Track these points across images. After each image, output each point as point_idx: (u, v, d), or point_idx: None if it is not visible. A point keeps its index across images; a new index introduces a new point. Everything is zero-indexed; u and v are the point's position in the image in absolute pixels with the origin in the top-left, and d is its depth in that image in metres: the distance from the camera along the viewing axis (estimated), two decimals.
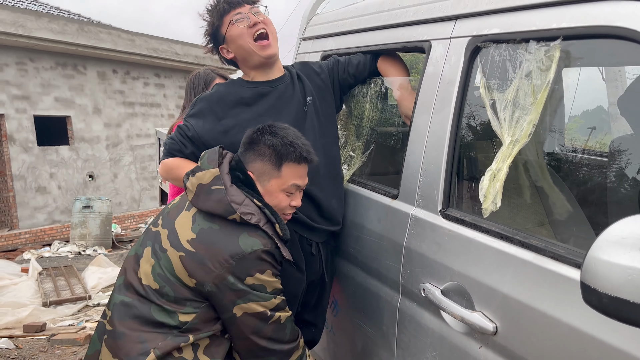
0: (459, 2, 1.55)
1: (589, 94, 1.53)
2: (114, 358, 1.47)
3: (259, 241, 1.45)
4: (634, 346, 0.95)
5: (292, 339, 1.57)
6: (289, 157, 1.53)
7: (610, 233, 0.83)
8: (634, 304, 0.79)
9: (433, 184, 1.50)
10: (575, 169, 1.54)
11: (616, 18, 1.10)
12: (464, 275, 1.35)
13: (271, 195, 1.56)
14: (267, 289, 1.47)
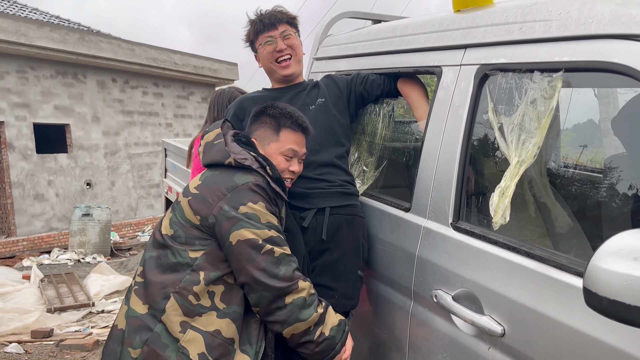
0: (469, 33, 1.69)
1: (587, 119, 1.68)
2: (144, 304, 1.64)
3: (252, 177, 1.67)
4: (630, 345, 1.08)
5: (287, 278, 1.58)
6: (286, 123, 1.79)
7: (609, 245, 0.96)
8: (630, 306, 0.93)
9: (444, 198, 1.64)
10: (574, 188, 1.69)
11: (612, 54, 1.24)
12: (474, 282, 1.48)
13: (271, 157, 1.77)
14: (261, 219, 1.61)
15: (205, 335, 1.57)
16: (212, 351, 1.56)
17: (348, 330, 1.69)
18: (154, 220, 13.71)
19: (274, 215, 1.65)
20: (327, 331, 1.62)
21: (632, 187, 1.50)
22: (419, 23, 2.00)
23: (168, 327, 1.59)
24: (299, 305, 1.58)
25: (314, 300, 1.62)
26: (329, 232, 1.90)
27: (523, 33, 1.50)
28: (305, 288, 1.60)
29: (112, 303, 5.56)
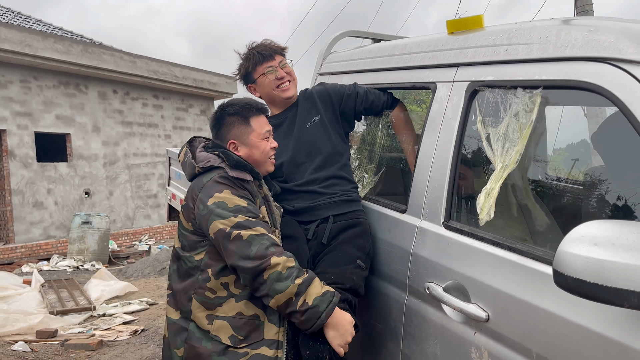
0: (461, 53, 1.89)
1: (563, 131, 1.89)
2: (176, 311, 1.88)
3: (216, 172, 1.87)
4: (592, 322, 1.26)
5: (259, 257, 1.70)
6: (250, 112, 1.97)
7: (574, 233, 1.15)
8: (590, 283, 1.10)
9: (437, 200, 1.82)
10: (552, 190, 1.88)
11: (583, 74, 1.44)
12: (463, 274, 1.66)
13: (257, 147, 1.97)
14: (228, 204, 1.78)
15: (229, 319, 1.78)
16: (240, 331, 1.77)
17: (336, 301, 1.77)
18: (151, 230, 13.83)
19: (242, 198, 1.82)
20: (310, 301, 1.72)
21: (599, 191, 1.68)
22: (416, 43, 2.20)
23: (198, 324, 1.81)
24: (274, 279, 1.70)
25: (292, 273, 1.72)
26: (330, 236, 2.06)
27: (508, 54, 1.70)
28: (280, 262, 1.71)
29: (113, 307, 5.68)
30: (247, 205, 1.81)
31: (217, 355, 1.76)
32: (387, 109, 2.27)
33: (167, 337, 1.92)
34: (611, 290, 1.09)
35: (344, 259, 2.00)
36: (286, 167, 2.14)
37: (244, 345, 1.78)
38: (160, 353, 4.19)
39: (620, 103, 1.32)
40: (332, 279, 1.93)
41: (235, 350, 1.77)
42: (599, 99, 1.41)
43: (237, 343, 1.77)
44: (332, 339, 1.78)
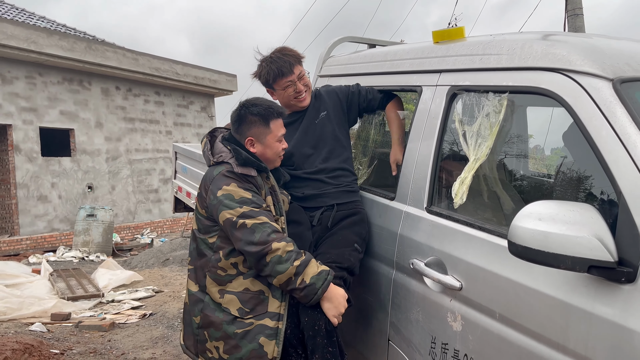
0: (443, 61, 2.18)
1: (528, 128, 2.18)
2: (195, 284, 2.17)
3: (224, 167, 2.11)
4: (540, 285, 1.54)
5: (262, 242, 1.96)
6: (272, 116, 2.18)
7: (523, 211, 1.43)
8: (535, 250, 1.39)
9: (421, 188, 2.11)
10: (516, 178, 2.18)
11: (541, 82, 1.72)
12: (442, 251, 1.94)
13: (271, 147, 2.20)
14: (234, 197, 2.03)
15: (238, 294, 2.07)
16: (247, 304, 2.06)
17: (330, 279, 2.03)
18: (152, 224, 14.11)
19: (247, 190, 2.06)
20: (308, 279, 1.98)
21: (553, 178, 1.97)
22: (406, 50, 2.49)
23: (212, 297, 2.10)
24: (276, 261, 1.96)
25: (291, 256, 1.98)
26: (333, 222, 2.34)
27: (482, 63, 1.98)
28: (280, 247, 1.97)
29: (121, 294, 5.97)
30: (251, 197, 2.06)
31: (226, 324, 2.05)
32: (384, 107, 2.54)
33: (186, 306, 2.22)
34: (551, 255, 1.37)
35: (344, 243, 2.28)
36: (296, 158, 2.41)
37: (250, 316, 2.05)
38: (168, 334, 4.48)
39: (567, 106, 1.60)
40: (332, 259, 2.20)
41: (242, 320, 2.05)
42: (553, 102, 1.69)
43: (244, 314, 2.05)
44: (327, 310, 2.05)
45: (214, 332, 2.07)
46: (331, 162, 2.40)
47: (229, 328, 2.05)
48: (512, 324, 1.62)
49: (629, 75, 1.60)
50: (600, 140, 1.49)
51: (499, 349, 1.66)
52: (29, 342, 3.60)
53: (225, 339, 2.05)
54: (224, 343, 2.05)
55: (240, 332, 2.04)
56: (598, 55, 1.67)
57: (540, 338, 1.53)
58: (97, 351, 3.96)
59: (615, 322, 1.34)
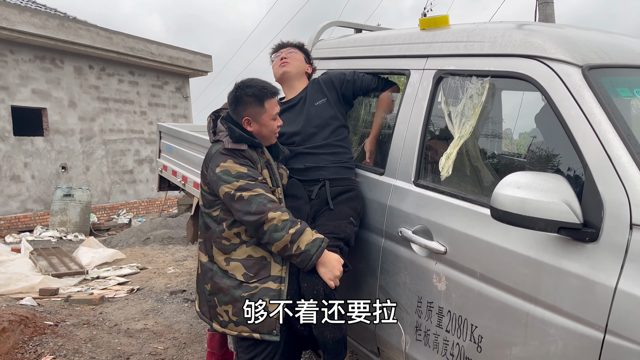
0: (430, 46, 2.37)
1: (507, 109, 2.40)
2: (205, 255, 2.35)
3: (220, 145, 2.27)
4: (516, 246, 1.76)
5: (259, 212, 2.13)
6: (266, 96, 2.32)
7: (504, 180, 1.64)
8: (513, 213, 1.60)
9: (409, 164, 2.31)
10: (496, 154, 2.41)
11: (519, 67, 1.93)
12: (428, 219, 2.15)
13: (266, 126, 2.34)
14: (231, 172, 2.18)
15: (242, 261, 2.26)
16: (250, 269, 2.24)
17: (324, 245, 2.19)
18: (127, 205, 14.07)
19: (243, 165, 2.21)
20: (303, 246, 2.15)
21: (529, 154, 2.20)
22: (394, 36, 2.67)
23: (219, 265, 2.28)
24: (272, 229, 2.14)
25: (286, 225, 2.15)
26: (331, 197, 2.52)
27: (466, 49, 2.18)
28: (275, 217, 2.14)
29: (106, 271, 6.06)
30: (247, 170, 2.21)
31: (233, 289, 2.24)
32: (379, 91, 2.72)
33: (198, 275, 2.43)
34: (527, 218, 1.59)
35: (340, 216, 2.47)
36: (300, 136, 2.58)
37: (254, 280, 2.23)
38: (158, 306, 4.63)
39: (542, 89, 1.82)
40: (329, 230, 2.39)
41: (247, 285, 2.23)
42: (530, 86, 1.91)
43: (249, 279, 2.23)
44: (323, 274, 2.23)
45: (222, 297, 2.25)
46: (332, 139, 2.58)
47: (236, 292, 2.22)
48: (491, 281, 1.85)
49: (596, 62, 1.82)
50: (570, 119, 1.71)
51: (479, 304, 1.89)
52: (24, 314, 3.71)
53: (234, 302, 2.22)
54: (232, 306, 2.22)
55: (246, 295, 2.21)
56: (570, 45, 1.88)
57: (515, 292, 1.76)
58: (90, 322, 4.09)
59: (580, 275, 1.57)
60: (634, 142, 1.59)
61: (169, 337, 3.85)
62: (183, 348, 3.65)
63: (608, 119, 1.64)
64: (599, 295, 1.51)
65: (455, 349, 1.99)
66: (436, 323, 2.08)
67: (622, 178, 1.54)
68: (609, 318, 1.48)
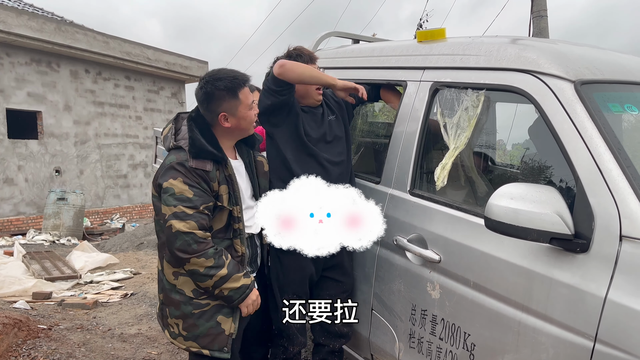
0: (426, 58, 2.41)
1: (501, 121, 2.45)
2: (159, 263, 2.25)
3: (175, 157, 2.07)
4: (509, 256, 1.80)
5: (181, 250, 1.97)
6: (239, 86, 2.13)
7: (498, 191, 1.68)
8: (507, 224, 1.64)
9: (405, 173, 2.35)
10: (490, 165, 2.46)
11: (513, 81, 1.97)
12: (422, 228, 2.19)
13: (244, 118, 2.16)
14: (175, 192, 1.99)
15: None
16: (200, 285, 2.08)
17: (248, 293, 2.09)
18: (121, 209, 14.03)
19: (191, 187, 2.01)
20: (226, 292, 2.05)
21: (522, 165, 2.25)
22: (392, 47, 2.72)
23: (167, 279, 2.15)
24: (193, 272, 2.02)
25: (209, 272, 2.00)
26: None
27: (462, 62, 2.23)
28: (198, 263, 1.98)
29: (99, 276, 6.05)
30: (191, 196, 2.01)
31: (184, 305, 2.10)
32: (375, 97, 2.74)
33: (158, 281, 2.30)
34: (520, 228, 1.63)
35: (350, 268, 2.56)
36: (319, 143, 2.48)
37: (204, 296, 2.10)
38: (152, 312, 4.64)
39: (536, 102, 1.87)
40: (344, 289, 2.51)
41: (197, 301, 2.10)
42: (523, 99, 1.95)
43: (198, 295, 2.10)
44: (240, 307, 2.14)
45: (173, 310, 2.14)
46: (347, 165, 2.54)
47: (186, 308, 2.11)
48: (484, 290, 1.88)
49: (588, 77, 1.87)
50: (562, 132, 1.75)
51: (472, 312, 1.93)
52: (17, 317, 3.71)
53: (184, 317, 2.11)
54: (183, 321, 2.12)
55: (197, 312, 2.10)
56: (563, 60, 1.94)
57: (507, 301, 1.79)
58: (83, 327, 4.08)
59: (571, 285, 1.61)
60: (624, 156, 1.64)
61: (163, 343, 3.85)
62: (177, 353, 3.66)
63: (599, 133, 1.68)
64: (589, 304, 1.55)
65: (448, 356, 2.03)
66: (430, 331, 2.11)
67: (613, 191, 1.58)
68: (598, 327, 1.52)
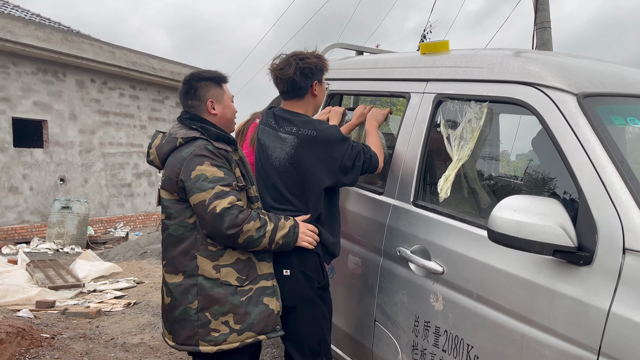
0: (430, 70, 2.43)
1: (504, 133, 2.46)
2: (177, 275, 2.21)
3: (194, 147, 2.13)
4: (512, 268, 1.80)
5: (231, 225, 2.05)
6: (221, 79, 2.34)
7: (501, 203, 1.69)
8: (510, 236, 1.64)
9: (408, 184, 2.35)
10: (493, 177, 2.46)
11: (516, 93, 1.99)
12: (426, 240, 2.19)
13: (229, 107, 2.33)
14: (208, 176, 2.07)
15: (232, 265, 2.19)
16: (242, 272, 2.19)
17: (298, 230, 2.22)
18: (125, 218, 14.06)
19: (220, 168, 2.11)
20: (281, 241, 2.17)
21: (525, 177, 2.25)
22: (395, 59, 2.74)
23: (207, 275, 2.15)
24: (249, 241, 2.11)
25: (261, 232, 2.12)
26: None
27: (466, 74, 2.24)
28: (250, 228, 2.08)
29: (102, 285, 6.05)
30: (223, 175, 2.11)
31: (231, 296, 2.15)
32: None
33: (170, 301, 2.21)
34: (523, 240, 1.63)
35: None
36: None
37: (247, 282, 2.19)
38: (155, 321, 4.63)
39: (539, 115, 1.87)
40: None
41: (243, 289, 2.17)
42: (526, 111, 1.96)
43: (242, 282, 2.18)
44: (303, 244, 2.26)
45: (219, 308, 2.13)
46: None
47: (234, 299, 2.15)
48: (487, 302, 1.88)
49: (591, 90, 1.88)
50: (565, 145, 1.76)
51: (475, 324, 1.92)
52: (21, 326, 3.71)
53: (234, 309, 2.15)
54: (234, 314, 2.14)
55: (244, 299, 2.16)
56: (565, 73, 1.95)
57: (510, 313, 1.79)
58: (86, 336, 4.08)
59: (574, 298, 1.61)
60: (627, 168, 1.64)
61: (166, 352, 3.85)
62: None
63: (602, 145, 1.69)
64: (593, 317, 1.55)
65: None
66: (433, 342, 2.10)
67: (616, 203, 1.59)
68: (602, 340, 1.51)
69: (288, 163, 2.30)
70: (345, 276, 2.72)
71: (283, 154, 2.31)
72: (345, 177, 2.31)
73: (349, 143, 2.29)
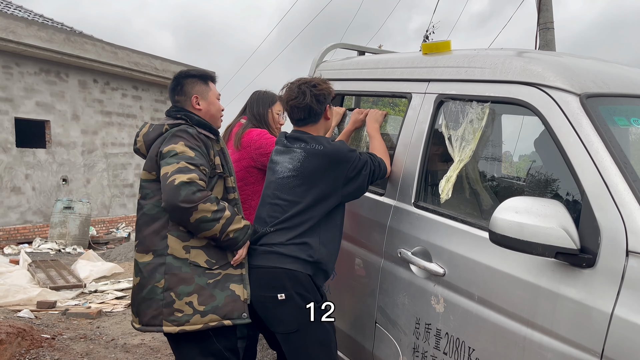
0: (431, 71, 2.41)
1: (506, 134, 2.44)
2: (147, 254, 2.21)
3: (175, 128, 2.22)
4: (514, 270, 1.79)
5: (186, 200, 2.03)
6: (208, 77, 2.45)
7: (503, 205, 1.67)
8: (512, 238, 1.62)
9: (409, 185, 2.34)
10: (495, 178, 2.44)
11: (518, 94, 1.97)
12: (427, 241, 2.17)
13: (214, 104, 2.42)
14: (177, 152, 2.12)
15: (203, 248, 2.20)
16: (212, 255, 2.20)
17: (250, 233, 2.25)
18: (127, 218, 14.06)
19: (192, 149, 2.15)
20: (232, 234, 2.16)
21: (527, 178, 2.23)
22: (397, 59, 2.72)
23: (175, 255, 2.16)
24: (201, 220, 2.08)
25: (216, 215, 2.11)
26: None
27: (467, 75, 2.22)
28: (205, 208, 2.07)
29: (104, 285, 6.05)
30: (194, 155, 2.15)
31: (198, 277, 2.16)
32: None
33: (139, 281, 2.22)
34: (525, 242, 1.61)
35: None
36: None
37: (216, 267, 2.20)
38: None
39: (541, 115, 1.85)
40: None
41: (211, 271, 2.19)
42: (528, 112, 1.94)
43: (211, 265, 2.19)
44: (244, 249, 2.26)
45: (184, 287, 2.14)
46: None
47: (201, 280, 2.16)
48: (489, 304, 1.86)
49: (594, 91, 1.86)
50: (568, 146, 1.74)
51: (477, 327, 1.90)
52: (21, 326, 3.71)
53: (199, 290, 2.15)
54: (198, 295, 2.14)
55: (212, 282, 2.18)
56: (568, 73, 1.93)
57: (512, 316, 1.77)
58: (87, 337, 4.08)
59: (577, 301, 1.59)
60: (631, 170, 1.62)
61: (166, 353, 3.84)
62: None
63: (605, 146, 1.67)
64: (596, 320, 1.53)
65: None
66: (434, 345, 2.08)
67: (619, 205, 1.56)
68: (605, 343, 1.49)
69: (291, 173, 2.30)
70: (346, 277, 2.70)
71: (289, 167, 2.32)
72: (348, 187, 2.28)
73: (355, 155, 2.29)
